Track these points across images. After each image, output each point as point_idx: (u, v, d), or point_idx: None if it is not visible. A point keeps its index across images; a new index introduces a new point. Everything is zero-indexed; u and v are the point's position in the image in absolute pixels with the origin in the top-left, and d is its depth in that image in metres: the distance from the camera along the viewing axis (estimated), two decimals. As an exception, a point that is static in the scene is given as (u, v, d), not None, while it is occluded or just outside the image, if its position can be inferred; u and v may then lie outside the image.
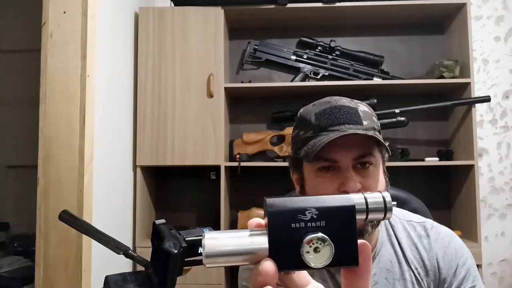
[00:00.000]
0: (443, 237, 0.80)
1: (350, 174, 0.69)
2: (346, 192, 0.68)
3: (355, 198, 0.34)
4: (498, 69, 2.18)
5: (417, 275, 0.76)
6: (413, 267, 0.77)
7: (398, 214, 0.84)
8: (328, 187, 0.70)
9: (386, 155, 0.76)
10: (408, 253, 0.78)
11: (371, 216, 0.34)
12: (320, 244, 0.32)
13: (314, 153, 0.67)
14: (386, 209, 0.34)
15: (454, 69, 1.91)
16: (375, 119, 0.75)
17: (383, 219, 0.35)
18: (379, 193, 0.35)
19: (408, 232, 0.81)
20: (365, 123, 0.71)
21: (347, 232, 0.33)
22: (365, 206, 0.34)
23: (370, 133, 0.70)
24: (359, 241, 0.33)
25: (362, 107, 0.74)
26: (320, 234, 0.32)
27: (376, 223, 0.72)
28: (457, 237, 0.82)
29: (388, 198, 0.35)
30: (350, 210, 0.33)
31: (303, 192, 0.77)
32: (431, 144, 2.13)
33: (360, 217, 0.34)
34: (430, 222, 0.83)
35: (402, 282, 0.76)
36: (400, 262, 0.77)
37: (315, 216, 0.32)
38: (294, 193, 0.83)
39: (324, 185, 0.71)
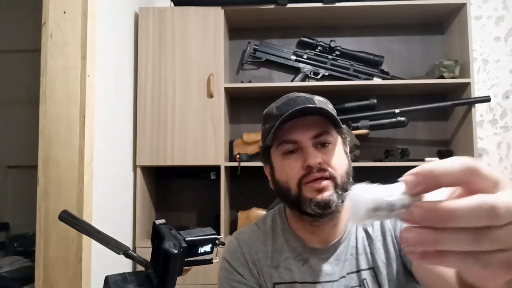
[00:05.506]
0: None
1: (311, 150, 0.75)
2: (309, 167, 0.74)
3: None
4: (498, 69, 2.18)
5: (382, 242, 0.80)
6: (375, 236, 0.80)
7: None
8: (294, 167, 0.76)
9: (346, 136, 0.82)
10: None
11: None
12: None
13: (276, 132, 0.75)
14: None
15: (454, 69, 1.91)
16: (330, 106, 0.82)
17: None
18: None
19: None
20: (319, 106, 0.77)
21: None
22: None
23: (321, 106, 0.75)
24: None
25: (318, 97, 0.82)
26: None
27: (341, 196, 0.74)
28: None
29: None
30: None
31: (273, 180, 0.82)
32: (431, 144, 2.13)
33: None
34: None
35: (365, 256, 0.79)
36: (368, 236, 0.81)
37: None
38: None
39: (290, 165, 0.77)
